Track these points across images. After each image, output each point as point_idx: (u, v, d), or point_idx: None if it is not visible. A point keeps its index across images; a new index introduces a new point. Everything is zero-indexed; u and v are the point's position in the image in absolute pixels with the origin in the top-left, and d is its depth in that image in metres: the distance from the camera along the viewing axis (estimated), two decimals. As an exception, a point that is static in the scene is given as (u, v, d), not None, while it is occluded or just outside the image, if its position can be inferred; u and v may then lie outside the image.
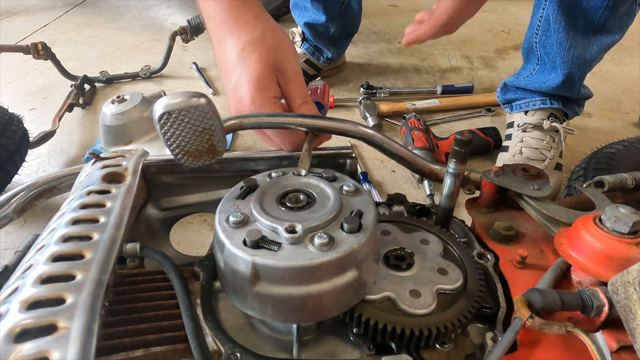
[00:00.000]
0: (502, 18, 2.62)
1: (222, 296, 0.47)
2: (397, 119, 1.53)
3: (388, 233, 0.51)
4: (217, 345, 0.40)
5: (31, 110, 1.51)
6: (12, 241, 0.99)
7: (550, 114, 1.23)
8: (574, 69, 1.14)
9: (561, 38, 1.11)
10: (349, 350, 0.44)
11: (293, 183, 0.48)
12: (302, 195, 0.45)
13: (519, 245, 0.55)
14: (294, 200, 0.45)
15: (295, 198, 0.45)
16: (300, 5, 1.64)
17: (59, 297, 0.34)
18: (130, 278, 0.48)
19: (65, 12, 2.46)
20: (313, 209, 0.43)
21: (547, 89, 1.20)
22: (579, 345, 0.41)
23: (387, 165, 1.29)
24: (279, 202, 0.44)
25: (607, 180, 0.63)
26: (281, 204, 0.44)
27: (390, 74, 1.89)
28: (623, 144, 1.05)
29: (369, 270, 0.42)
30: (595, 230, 0.45)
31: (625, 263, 0.42)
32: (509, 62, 2.04)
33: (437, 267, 0.46)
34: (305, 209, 0.43)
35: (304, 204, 0.44)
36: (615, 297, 0.38)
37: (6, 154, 0.98)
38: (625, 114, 1.64)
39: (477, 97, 1.65)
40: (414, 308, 0.42)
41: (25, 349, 0.30)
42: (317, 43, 1.67)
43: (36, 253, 0.40)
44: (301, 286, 0.38)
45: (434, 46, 2.20)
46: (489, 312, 0.46)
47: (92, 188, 0.49)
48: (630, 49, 2.21)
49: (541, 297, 0.41)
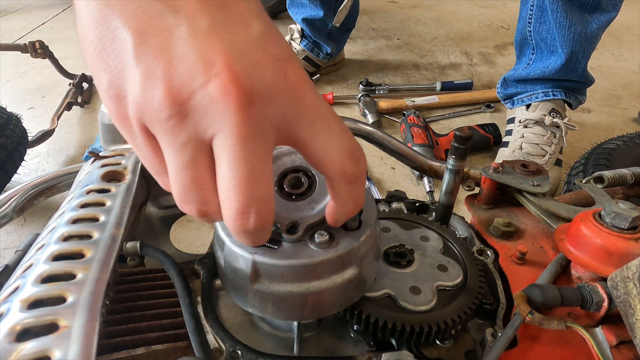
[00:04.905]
0: (501, 14, 2.62)
1: (222, 294, 0.47)
2: (397, 116, 1.53)
3: (388, 230, 0.51)
4: (218, 343, 0.40)
5: (30, 109, 1.51)
6: (12, 240, 0.99)
7: (552, 110, 1.23)
8: (576, 47, 1.15)
9: (560, 18, 1.12)
10: (350, 347, 0.44)
11: (293, 159, 0.46)
12: (302, 177, 0.44)
13: (519, 242, 0.55)
14: (293, 182, 0.44)
15: (295, 180, 0.44)
16: (297, 2, 1.63)
17: (60, 296, 0.34)
18: (130, 276, 0.48)
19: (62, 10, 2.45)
20: (313, 197, 0.42)
21: (551, 73, 1.20)
22: (579, 340, 0.42)
23: (387, 162, 1.29)
24: (278, 186, 0.43)
25: (606, 175, 0.64)
26: (280, 187, 0.43)
27: (390, 70, 1.89)
28: (622, 140, 1.05)
29: (369, 267, 0.42)
30: (595, 226, 0.45)
31: (625, 258, 0.42)
32: (509, 58, 2.04)
33: (437, 264, 0.46)
34: (306, 197, 0.42)
35: (304, 188, 0.43)
36: (615, 292, 0.39)
37: (5, 154, 0.98)
38: (625, 109, 1.64)
39: (476, 94, 1.65)
40: (414, 305, 0.42)
41: (26, 348, 0.30)
42: (316, 39, 1.67)
43: (36, 252, 0.40)
44: (301, 284, 0.38)
45: (433, 42, 2.19)
46: (488, 308, 0.46)
47: (91, 187, 0.49)
48: (630, 44, 2.21)
49: (541, 293, 0.41)
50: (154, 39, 0.26)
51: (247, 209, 0.28)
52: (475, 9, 2.68)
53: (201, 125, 0.27)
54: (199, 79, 0.26)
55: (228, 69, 0.26)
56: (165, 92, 0.26)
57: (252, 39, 0.28)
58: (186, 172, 0.28)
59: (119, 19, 0.27)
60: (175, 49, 0.26)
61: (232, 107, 0.26)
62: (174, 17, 0.26)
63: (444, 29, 2.36)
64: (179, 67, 0.26)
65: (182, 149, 0.27)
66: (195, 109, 0.26)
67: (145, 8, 0.27)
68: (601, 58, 2.02)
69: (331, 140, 0.30)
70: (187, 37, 0.26)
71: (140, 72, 0.26)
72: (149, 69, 0.26)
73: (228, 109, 0.26)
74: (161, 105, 0.26)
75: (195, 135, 0.27)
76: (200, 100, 0.26)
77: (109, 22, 0.27)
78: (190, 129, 0.27)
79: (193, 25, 0.26)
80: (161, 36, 0.26)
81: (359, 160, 0.31)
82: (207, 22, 0.27)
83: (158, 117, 0.26)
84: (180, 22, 0.26)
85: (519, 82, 1.30)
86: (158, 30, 0.26)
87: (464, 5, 2.74)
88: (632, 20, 2.45)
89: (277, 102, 0.28)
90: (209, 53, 0.26)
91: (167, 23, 0.26)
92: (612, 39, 2.21)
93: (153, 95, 0.26)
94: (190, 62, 0.26)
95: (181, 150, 0.27)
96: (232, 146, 0.27)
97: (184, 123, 0.26)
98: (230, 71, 0.26)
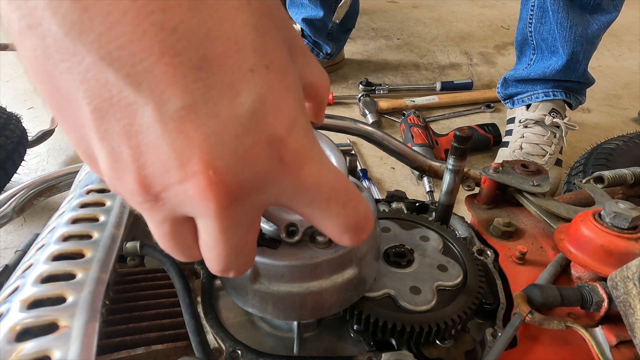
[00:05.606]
0: (501, 14, 2.62)
1: (222, 294, 0.47)
2: (397, 116, 1.53)
3: (388, 230, 0.51)
4: (218, 343, 0.40)
5: (29, 109, 1.51)
6: (12, 240, 0.99)
7: (552, 110, 1.24)
8: (577, 47, 1.16)
9: (561, 18, 1.12)
10: (350, 347, 0.44)
11: None
12: None
13: (519, 242, 0.55)
14: None
15: None
16: (297, 2, 1.64)
17: (60, 296, 0.34)
18: (130, 276, 0.48)
19: (62, 10, 2.45)
20: None
21: (551, 74, 1.21)
22: (579, 340, 0.42)
23: (387, 162, 1.29)
24: None
25: (606, 175, 0.64)
26: None
27: (390, 70, 1.89)
28: (622, 140, 1.05)
29: (369, 267, 0.42)
30: (595, 226, 0.45)
31: (625, 258, 0.42)
32: (508, 57, 2.04)
33: (437, 264, 0.46)
34: None
35: None
36: (615, 292, 0.39)
37: (5, 153, 0.98)
38: (625, 109, 1.64)
39: (476, 94, 1.65)
40: (414, 305, 0.42)
41: (26, 348, 0.30)
42: (316, 39, 1.67)
43: (36, 252, 0.40)
44: (301, 284, 0.38)
45: (433, 42, 2.19)
46: (489, 308, 0.46)
47: (91, 187, 0.49)
48: (630, 44, 2.21)
49: (541, 293, 0.41)
50: (115, 117, 0.21)
51: (227, 271, 0.27)
52: (475, 9, 2.68)
53: (177, 211, 0.24)
54: (173, 176, 0.21)
55: (206, 169, 0.21)
56: (136, 181, 0.22)
57: (240, 120, 0.21)
58: (167, 240, 0.26)
59: (68, 81, 0.21)
60: (142, 134, 0.21)
61: (212, 209, 0.22)
62: (135, 94, 0.20)
63: (444, 29, 2.36)
64: (150, 157, 0.21)
65: (160, 224, 0.25)
66: (170, 199, 0.23)
67: (97, 74, 0.20)
68: (601, 58, 2.02)
69: (329, 218, 0.27)
70: (156, 124, 0.20)
71: (106, 152, 0.22)
72: (115, 151, 0.22)
73: (207, 210, 0.22)
74: (133, 192, 0.23)
75: (173, 216, 0.24)
76: (175, 194, 0.22)
77: (57, 81, 0.21)
78: (166, 213, 0.24)
79: (161, 107, 0.20)
80: (123, 114, 0.21)
81: (360, 232, 0.28)
82: (179, 102, 0.20)
83: (130, 199, 0.24)
84: (144, 101, 0.20)
85: (520, 82, 1.30)
86: (118, 106, 0.20)
87: (464, 5, 2.74)
88: (632, 20, 2.45)
89: (269, 188, 0.24)
90: (183, 147, 0.21)
91: (128, 99, 0.20)
92: (612, 39, 2.21)
93: (124, 180, 0.22)
94: (162, 154, 0.21)
95: (159, 225, 0.25)
96: (212, 234, 0.24)
97: (159, 208, 0.23)
98: (209, 172, 0.21)
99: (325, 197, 0.26)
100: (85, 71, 0.20)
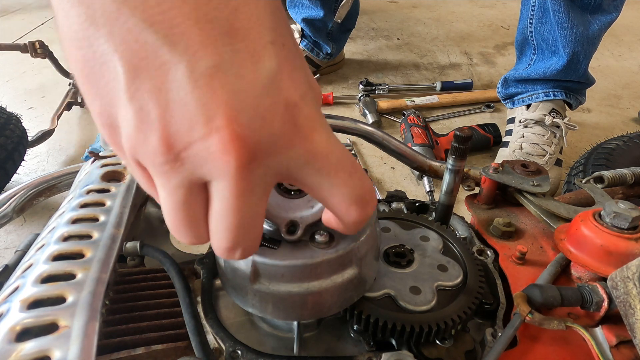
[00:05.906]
0: (501, 13, 2.62)
1: (222, 294, 0.47)
2: (397, 116, 1.53)
3: (388, 230, 0.51)
4: (218, 343, 0.40)
5: (29, 109, 1.51)
6: (12, 240, 0.99)
7: (552, 110, 1.23)
8: (578, 48, 1.16)
9: (562, 18, 1.12)
10: (350, 347, 0.44)
11: None
12: None
13: (519, 242, 0.55)
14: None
15: None
16: (297, 2, 1.64)
17: (60, 296, 0.34)
18: (130, 276, 0.48)
19: (62, 10, 2.45)
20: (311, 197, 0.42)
21: (552, 74, 1.20)
22: (579, 340, 0.42)
23: (387, 162, 1.29)
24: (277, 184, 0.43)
25: (606, 175, 0.64)
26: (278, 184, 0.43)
27: (390, 70, 1.89)
28: (622, 140, 1.05)
29: (369, 267, 0.42)
30: (595, 226, 0.45)
31: (625, 258, 0.42)
32: (508, 57, 2.04)
33: (437, 264, 0.46)
34: (304, 195, 0.42)
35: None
36: (615, 292, 0.39)
37: (5, 153, 0.98)
38: (625, 109, 1.64)
39: (476, 94, 1.65)
40: (414, 305, 0.42)
41: (26, 348, 0.30)
42: (316, 39, 1.67)
43: (36, 252, 0.40)
44: (301, 284, 0.38)
45: (433, 42, 2.19)
46: (489, 308, 0.46)
47: (91, 187, 0.49)
48: (630, 44, 2.21)
49: (541, 293, 0.41)
50: (148, 75, 0.23)
51: (234, 249, 0.28)
52: (475, 9, 2.68)
53: (196, 173, 0.25)
54: (197, 131, 0.23)
55: (230, 124, 0.23)
56: (160, 140, 0.24)
57: (261, 82, 0.24)
58: (178, 211, 0.27)
59: (107, 44, 0.23)
60: (172, 91, 0.23)
61: (232, 165, 0.24)
62: (171, 53, 0.23)
63: (444, 29, 2.36)
64: (176, 114, 0.23)
65: (174, 191, 0.26)
66: (191, 159, 0.24)
67: (137, 35, 0.23)
68: (601, 58, 2.02)
69: (337, 187, 0.28)
70: (186, 81, 0.23)
71: (134, 111, 0.24)
72: (143, 110, 0.24)
73: (227, 166, 0.24)
74: (155, 151, 0.24)
75: (189, 180, 0.25)
76: (197, 152, 0.24)
77: (95, 46, 0.23)
78: (184, 175, 0.25)
79: (194, 65, 0.23)
80: (156, 73, 0.23)
81: (366, 206, 0.29)
82: (210, 62, 0.23)
83: (152, 160, 0.25)
84: (178, 60, 0.23)
85: (520, 82, 1.30)
86: (152, 65, 0.23)
87: (464, 5, 2.74)
88: (632, 20, 2.45)
89: (282, 152, 0.25)
90: (210, 103, 0.23)
91: (163, 58, 0.23)
92: (612, 39, 2.21)
93: (147, 139, 0.24)
94: (189, 110, 0.23)
95: (173, 192, 0.26)
96: (227, 198, 0.25)
97: (178, 169, 0.25)
98: (233, 127, 0.23)
99: (334, 165, 0.27)
100: (125, 32, 0.23)
